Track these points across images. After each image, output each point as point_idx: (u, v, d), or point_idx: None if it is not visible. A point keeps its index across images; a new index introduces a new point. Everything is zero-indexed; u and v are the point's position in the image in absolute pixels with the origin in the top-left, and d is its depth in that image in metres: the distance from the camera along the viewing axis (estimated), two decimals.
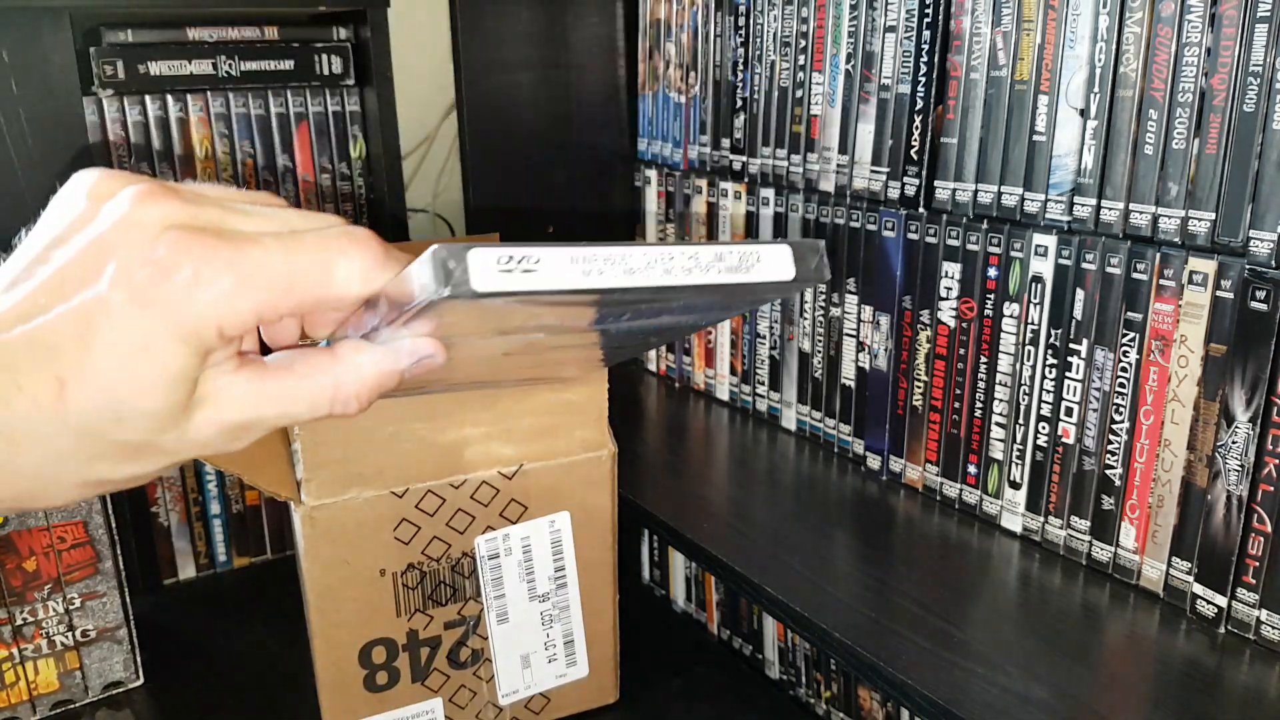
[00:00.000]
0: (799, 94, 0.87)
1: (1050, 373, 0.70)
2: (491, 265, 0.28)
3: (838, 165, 0.84)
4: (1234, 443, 0.59)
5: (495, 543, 0.70)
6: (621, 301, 0.32)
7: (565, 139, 1.09)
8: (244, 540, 1.06)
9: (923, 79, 0.75)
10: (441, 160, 1.26)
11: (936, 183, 0.75)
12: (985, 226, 0.72)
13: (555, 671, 0.75)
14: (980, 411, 0.75)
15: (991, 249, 0.72)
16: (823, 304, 0.88)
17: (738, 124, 0.94)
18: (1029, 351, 0.71)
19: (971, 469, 0.77)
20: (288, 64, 0.99)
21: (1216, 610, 0.62)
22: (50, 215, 0.32)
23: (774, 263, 0.32)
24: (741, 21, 0.92)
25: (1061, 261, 0.68)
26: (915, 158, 0.77)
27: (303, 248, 0.31)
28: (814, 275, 0.32)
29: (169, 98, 0.95)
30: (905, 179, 0.78)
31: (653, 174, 1.08)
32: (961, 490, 0.78)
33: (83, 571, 0.81)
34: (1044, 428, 0.71)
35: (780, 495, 0.84)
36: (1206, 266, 0.60)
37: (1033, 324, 0.70)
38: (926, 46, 0.74)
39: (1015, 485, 0.74)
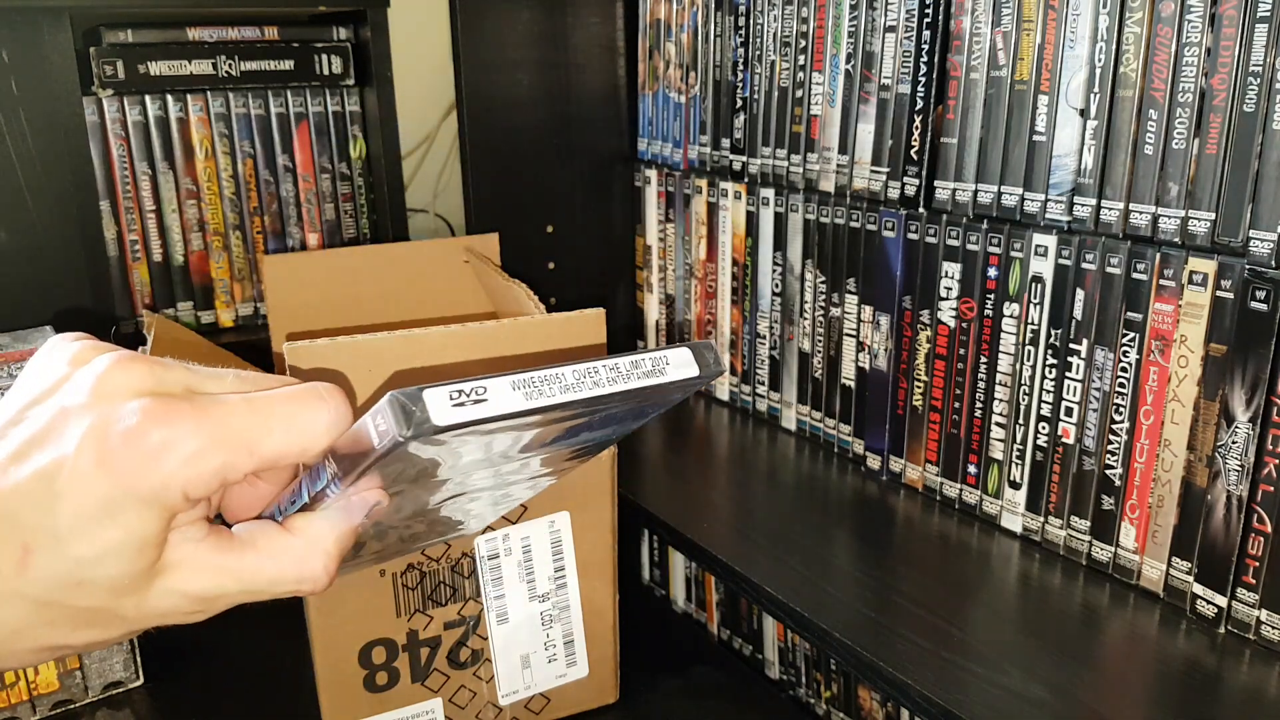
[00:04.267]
0: (799, 94, 0.87)
1: (1050, 373, 0.70)
2: (445, 401, 0.30)
3: (838, 165, 0.84)
4: (1234, 443, 0.59)
5: (495, 543, 0.70)
6: (558, 420, 0.35)
7: (565, 139, 1.09)
8: None
9: (923, 79, 0.75)
10: (441, 160, 1.26)
11: (936, 183, 0.75)
12: (985, 226, 0.72)
13: (555, 671, 0.75)
14: (980, 411, 0.75)
15: (991, 249, 0.72)
16: (823, 304, 0.88)
17: (738, 124, 0.94)
18: (1029, 351, 0.71)
19: (971, 469, 0.77)
20: (288, 64, 0.99)
21: (1216, 610, 0.62)
22: (27, 377, 0.32)
23: (679, 364, 0.36)
24: (741, 21, 0.92)
25: (1061, 261, 0.68)
26: (915, 158, 0.77)
27: (268, 404, 0.32)
28: (714, 370, 0.36)
29: (169, 98, 0.95)
30: (905, 179, 0.78)
31: (653, 174, 1.08)
32: (961, 490, 0.78)
33: None
34: (1044, 428, 0.71)
35: (780, 495, 0.84)
36: (1206, 266, 0.60)
37: (1033, 324, 0.70)
38: (926, 46, 0.74)
39: (1015, 485, 0.74)
